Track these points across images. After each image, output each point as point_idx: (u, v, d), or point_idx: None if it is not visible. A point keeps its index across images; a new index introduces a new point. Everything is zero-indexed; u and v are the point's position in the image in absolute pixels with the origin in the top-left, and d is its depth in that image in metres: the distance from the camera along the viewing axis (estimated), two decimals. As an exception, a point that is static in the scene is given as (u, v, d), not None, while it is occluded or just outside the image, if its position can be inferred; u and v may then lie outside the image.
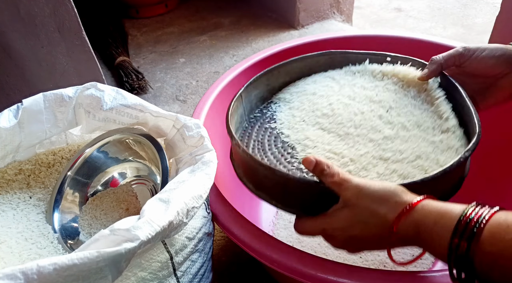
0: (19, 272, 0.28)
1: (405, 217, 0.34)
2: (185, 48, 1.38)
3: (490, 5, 1.69)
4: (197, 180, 0.42)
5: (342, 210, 0.38)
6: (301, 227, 0.42)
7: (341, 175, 0.38)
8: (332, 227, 0.39)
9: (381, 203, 0.36)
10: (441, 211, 0.33)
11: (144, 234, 0.33)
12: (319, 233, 0.40)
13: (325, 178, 0.39)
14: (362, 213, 0.36)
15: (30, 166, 0.56)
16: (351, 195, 0.37)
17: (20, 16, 0.76)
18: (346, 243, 0.39)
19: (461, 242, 0.31)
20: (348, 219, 0.37)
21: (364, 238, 0.37)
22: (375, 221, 0.36)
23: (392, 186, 0.37)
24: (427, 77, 0.51)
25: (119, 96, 0.55)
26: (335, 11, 1.50)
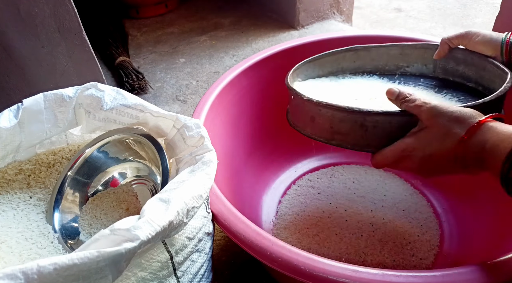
0: (19, 272, 0.28)
1: (474, 133, 0.38)
2: (185, 48, 1.38)
3: (490, 5, 1.69)
4: (197, 180, 0.42)
5: (421, 131, 0.42)
6: (380, 156, 0.45)
7: (422, 99, 0.42)
8: (411, 147, 0.42)
9: (457, 123, 0.39)
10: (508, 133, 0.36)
11: (144, 234, 0.33)
12: (398, 155, 0.43)
13: (407, 103, 0.43)
14: (439, 131, 0.40)
15: (31, 166, 0.56)
16: (430, 115, 0.41)
17: (20, 16, 0.76)
18: (423, 163, 0.42)
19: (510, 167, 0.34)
20: (427, 138, 0.41)
21: (440, 156, 0.40)
22: (451, 138, 0.39)
23: (469, 110, 0.40)
24: (438, 55, 0.60)
25: (119, 96, 0.55)
26: (335, 11, 1.50)
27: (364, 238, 0.67)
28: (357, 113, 0.45)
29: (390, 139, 0.45)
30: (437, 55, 0.60)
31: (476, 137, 0.38)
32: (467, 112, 0.40)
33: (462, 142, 0.38)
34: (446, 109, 0.40)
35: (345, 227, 0.69)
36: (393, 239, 0.66)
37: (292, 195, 0.77)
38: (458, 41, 0.57)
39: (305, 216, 0.72)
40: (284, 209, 0.74)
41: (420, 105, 0.42)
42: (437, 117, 0.40)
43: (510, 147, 0.34)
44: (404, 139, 0.43)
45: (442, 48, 0.59)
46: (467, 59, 0.57)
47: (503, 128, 0.37)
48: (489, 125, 0.38)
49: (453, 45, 0.58)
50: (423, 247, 0.65)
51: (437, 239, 0.67)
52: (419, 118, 0.42)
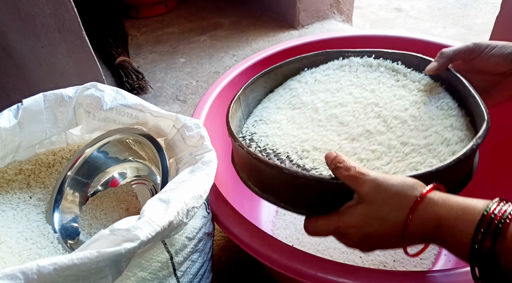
0: (19, 272, 0.28)
1: (418, 209, 0.33)
2: (185, 48, 1.38)
3: (490, 5, 1.69)
4: (197, 180, 0.42)
5: (357, 206, 0.36)
6: (312, 227, 0.40)
7: (357, 168, 0.37)
8: (346, 225, 0.37)
9: (400, 199, 0.34)
10: (462, 206, 0.32)
11: (144, 234, 0.33)
12: (332, 232, 0.39)
13: (340, 171, 0.37)
14: (380, 208, 0.35)
15: (30, 166, 0.56)
16: (368, 189, 0.35)
17: (20, 16, 0.76)
18: (361, 242, 0.37)
19: (485, 239, 0.29)
20: (364, 215, 0.36)
21: (381, 235, 0.35)
22: (394, 216, 0.34)
23: (412, 180, 0.35)
24: (436, 71, 0.50)
25: (119, 96, 0.55)
26: (335, 11, 1.50)
27: (364, 238, 0.67)
28: (286, 174, 0.40)
29: (324, 204, 0.40)
30: (432, 70, 0.50)
31: (421, 213, 0.33)
32: (409, 184, 0.35)
33: (407, 221, 0.33)
34: (387, 182, 0.35)
35: (345, 227, 0.69)
36: (393, 239, 0.66)
37: (292, 195, 0.77)
38: (464, 55, 0.49)
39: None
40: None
41: (356, 177, 0.36)
42: (377, 193, 0.35)
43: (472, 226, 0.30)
44: (338, 215, 0.38)
45: (441, 63, 0.50)
46: (451, 81, 0.50)
47: (454, 202, 0.33)
48: (434, 199, 0.33)
49: (456, 60, 0.50)
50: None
51: (437, 239, 0.67)
52: (354, 190, 0.37)
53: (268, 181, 0.44)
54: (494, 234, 0.29)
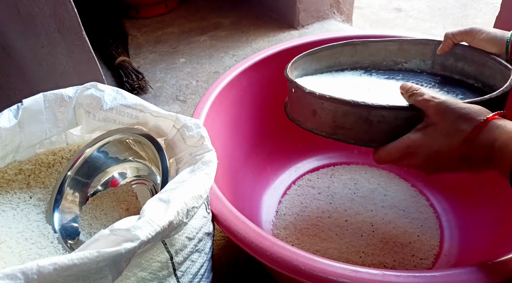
0: (19, 272, 0.28)
1: (481, 131, 0.37)
2: (185, 48, 1.38)
3: (490, 5, 1.69)
4: (197, 180, 0.42)
5: (427, 127, 0.40)
6: (383, 152, 0.44)
7: (430, 94, 0.41)
8: (416, 143, 0.41)
9: (464, 120, 0.38)
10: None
11: (144, 234, 0.33)
12: (402, 151, 0.42)
13: (415, 97, 0.42)
14: (446, 128, 0.39)
15: (30, 166, 0.56)
16: (437, 110, 0.39)
17: (20, 16, 0.76)
18: (427, 160, 0.40)
19: None
20: (433, 134, 0.39)
21: (446, 153, 0.39)
22: (458, 136, 0.38)
23: (477, 107, 0.39)
24: (442, 50, 0.59)
25: (119, 96, 0.55)
26: (335, 11, 1.50)
27: (364, 238, 0.67)
28: (362, 107, 0.44)
29: (395, 135, 0.43)
30: (440, 50, 0.59)
31: (483, 135, 0.37)
32: (475, 109, 0.38)
33: (468, 140, 0.37)
34: (454, 105, 0.39)
35: (345, 227, 0.69)
36: (393, 239, 0.66)
37: (292, 195, 0.77)
38: (462, 37, 0.56)
39: (305, 216, 0.72)
40: (284, 209, 0.74)
41: (428, 100, 0.41)
42: (444, 113, 0.39)
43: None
44: (410, 135, 0.42)
45: (446, 43, 0.58)
46: (467, 56, 0.57)
47: (508, 127, 0.36)
48: (496, 123, 0.37)
49: (456, 41, 0.57)
50: (423, 247, 0.65)
51: (437, 239, 0.67)
52: (426, 113, 0.41)
53: (340, 120, 0.47)
54: None
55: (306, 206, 0.74)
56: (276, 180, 0.80)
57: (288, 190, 0.78)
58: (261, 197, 0.77)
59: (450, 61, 0.60)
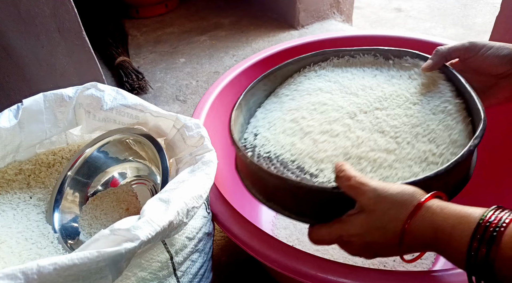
0: (19, 272, 0.28)
1: (415, 217, 0.33)
2: (185, 48, 1.38)
3: (490, 5, 1.69)
4: (197, 180, 0.42)
5: (358, 215, 0.36)
6: (315, 236, 0.40)
7: (357, 178, 0.37)
8: (348, 233, 0.37)
9: (400, 208, 0.34)
10: (459, 215, 0.32)
11: (144, 234, 0.33)
12: (335, 240, 0.39)
13: (341, 180, 0.38)
14: (380, 218, 0.35)
15: (30, 166, 0.56)
16: (368, 199, 0.35)
17: (20, 16, 0.76)
18: (363, 250, 0.38)
19: (480, 246, 0.29)
20: (365, 224, 0.36)
21: (382, 243, 0.36)
22: (394, 226, 0.34)
23: (411, 189, 0.35)
24: (431, 68, 0.50)
25: (119, 96, 0.55)
26: (335, 11, 1.50)
27: (364, 238, 0.67)
28: (289, 184, 0.41)
29: (327, 212, 0.40)
30: (427, 68, 0.50)
31: (419, 222, 0.33)
32: (408, 193, 0.35)
33: (405, 229, 0.34)
34: (387, 192, 0.35)
35: (345, 227, 0.69)
36: (393, 239, 0.66)
37: (292, 195, 0.77)
38: (459, 54, 0.48)
39: (305, 216, 0.72)
40: (284, 209, 0.74)
41: (356, 187, 0.36)
42: (376, 203, 0.35)
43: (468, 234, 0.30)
44: (340, 223, 0.38)
45: (437, 61, 0.49)
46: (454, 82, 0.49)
47: (451, 210, 0.33)
48: (432, 207, 0.33)
49: (451, 58, 0.50)
50: (423, 247, 0.65)
51: (437, 239, 0.67)
52: (356, 200, 0.37)
53: (271, 190, 0.44)
54: (489, 241, 0.29)
55: (306, 206, 0.74)
56: (276, 180, 0.80)
57: (288, 190, 0.78)
58: (261, 197, 0.77)
59: None
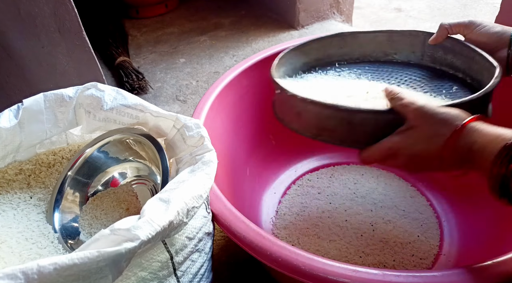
0: (19, 272, 0.28)
1: (460, 135, 0.38)
2: (185, 48, 1.38)
3: (490, 5, 1.69)
4: (197, 180, 0.42)
5: (407, 130, 0.42)
6: (367, 152, 0.45)
7: (408, 98, 0.42)
8: (397, 145, 0.42)
9: (443, 125, 0.39)
10: (496, 133, 0.36)
11: (145, 233, 0.33)
12: (384, 153, 0.44)
13: (395, 101, 0.43)
14: (425, 132, 0.40)
15: (31, 166, 0.56)
16: (416, 115, 0.41)
17: (20, 16, 0.76)
18: (409, 161, 0.42)
19: (501, 163, 0.33)
20: (413, 137, 0.41)
21: (426, 155, 0.40)
22: (437, 140, 0.39)
23: (456, 111, 0.40)
24: (436, 40, 0.57)
25: (120, 96, 0.55)
26: (335, 11, 1.50)
27: (364, 238, 0.67)
28: (344, 111, 0.45)
29: (377, 136, 0.45)
30: (433, 40, 0.57)
31: (461, 139, 0.38)
32: (453, 113, 0.40)
33: (447, 144, 0.38)
34: (433, 110, 0.40)
35: (345, 227, 0.69)
36: (393, 239, 0.66)
37: (292, 195, 0.77)
38: (459, 29, 0.55)
39: (305, 216, 0.72)
40: (284, 209, 0.74)
41: (407, 105, 0.42)
42: (423, 118, 0.40)
43: (497, 148, 0.34)
44: (391, 137, 0.43)
45: (440, 34, 0.56)
46: (456, 49, 0.56)
47: (488, 130, 0.37)
48: (474, 127, 0.38)
49: (451, 33, 0.56)
50: (423, 247, 0.65)
51: (437, 239, 0.67)
52: (406, 117, 0.42)
53: (324, 123, 0.47)
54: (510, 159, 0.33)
55: (306, 206, 0.74)
56: (276, 180, 0.80)
57: (288, 190, 0.78)
58: (261, 197, 0.77)
59: (439, 53, 0.60)
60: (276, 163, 0.82)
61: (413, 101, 0.42)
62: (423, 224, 0.69)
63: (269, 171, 0.80)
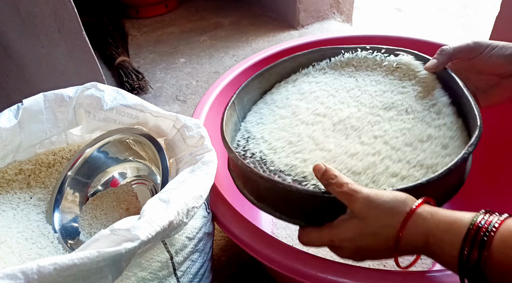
0: (19, 272, 0.28)
1: (407, 224, 0.34)
2: (185, 48, 1.38)
3: (490, 5, 1.69)
4: (197, 180, 0.42)
5: (350, 220, 0.37)
6: (306, 238, 0.41)
7: (350, 185, 0.37)
8: (339, 238, 0.38)
9: (392, 215, 0.35)
10: (450, 219, 0.33)
11: (144, 234, 0.33)
12: (325, 244, 0.39)
13: (333, 187, 0.38)
14: (372, 224, 0.35)
15: (31, 166, 0.56)
16: (361, 206, 0.36)
17: (20, 16, 0.76)
18: (354, 254, 0.38)
19: (472, 250, 0.30)
20: (357, 230, 0.36)
21: (373, 248, 0.36)
22: (386, 232, 0.35)
23: (403, 196, 0.36)
24: (436, 68, 0.49)
25: (119, 96, 0.55)
26: (335, 11, 1.50)
27: (364, 238, 0.67)
28: (280, 187, 0.41)
29: (318, 216, 0.41)
30: (431, 67, 0.50)
31: (411, 229, 0.34)
32: (400, 199, 0.35)
33: (398, 236, 0.34)
34: (379, 199, 0.35)
35: (345, 227, 0.69)
36: (393, 239, 0.66)
37: (292, 195, 0.77)
38: (463, 54, 0.48)
39: (305, 216, 0.72)
40: (284, 209, 0.74)
41: (349, 194, 0.36)
42: (368, 210, 0.35)
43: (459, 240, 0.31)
44: (332, 228, 0.38)
45: (442, 61, 0.49)
46: (450, 84, 0.49)
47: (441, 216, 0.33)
48: (423, 214, 0.34)
49: (456, 58, 0.49)
50: (423, 247, 0.65)
51: (437, 239, 0.67)
52: (347, 206, 0.37)
53: (263, 193, 0.44)
54: (480, 245, 0.30)
55: (306, 206, 0.74)
56: (276, 180, 0.80)
57: (288, 190, 0.78)
58: (261, 197, 0.77)
59: None
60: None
61: (355, 190, 0.36)
62: (423, 224, 0.69)
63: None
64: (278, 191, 0.41)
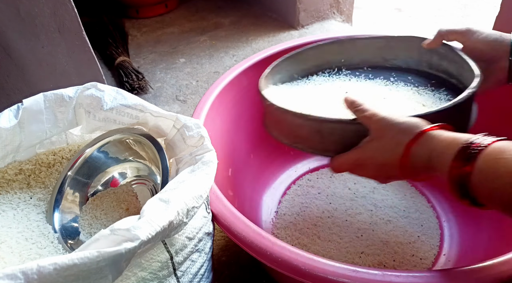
0: (19, 272, 0.28)
1: (418, 142, 0.39)
2: (185, 48, 1.38)
3: (490, 5, 1.69)
4: (197, 180, 0.42)
5: (371, 141, 0.43)
6: (336, 162, 0.47)
7: (371, 110, 0.43)
8: (364, 156, 0.44)
9: (403, 134, 0.40)
10: (452, 138, 0.37)
11: (144, 234, 0.33)
12: (352, 163, 0.45)
13: (358, 113, 0.44)
14: (388, 142, 0.41)
15: (31, 166, 0.56)
16: (379, 127, 0.42)
17: (20, 16, 0.76)
18: (377, 171, 0.44)
19: (459, 163, 0.34)
20: (377, 148, 0.42)
21: (391, 165, 0.41)
22: (399, 149, 0.40)
23: (417, 119, 0.41)
24: (430, 45, 0.58)
25: (119, 96, 0.55)
26: (335, 11, 1.50)
27: (364, 238, 0.67)
28: (313, 120, 0.47)
29: (346, 145, 0.46)
30: (427, 45, 0.58)
31: (419, 147, 0.39)
32: (413, 122, 0.41)
33: (406, 152, 0.39)
34: (394, 120, 0.41)
35: (345, 227, 0.69)
36: (393, 239, 0.66)
37: (292, 195, 0.77)
38: (456, 36, 0.54)
39: (305, 216, 0.72)
40: (284, 209, 0.74)
41: (369, 117, 0.43)
42: (385, 129, 0.42)
43: (454, 151, 0.35)
44: (357, 149, 0.45)
45: (435, 40, 0.57)
46: (449, 56, 0.57)
47: (445, 136, 0.38)
48: (432, 134, 0.39)
49: (448, 40, 0.56)
50: (423, 247, 0.65)
51: (437, 239, 0.67)
52: (369, 128, 0.43)
53: (297, 131, 0.50)
54: (468, 158, 0.34)
55: (306, 206, 0.74)
56: (276, 180, 0.80)
57: (288, 190, 0.78)
58: (261, 197, 0.77)
59: (435, 59, 0.61)
60: (276, 163, 0.82)
61: (375, 113, 0.43)
62: (423, 224, 0.69)
63: (269, 171, 0.80)
64: (312, 125, 0.47)
